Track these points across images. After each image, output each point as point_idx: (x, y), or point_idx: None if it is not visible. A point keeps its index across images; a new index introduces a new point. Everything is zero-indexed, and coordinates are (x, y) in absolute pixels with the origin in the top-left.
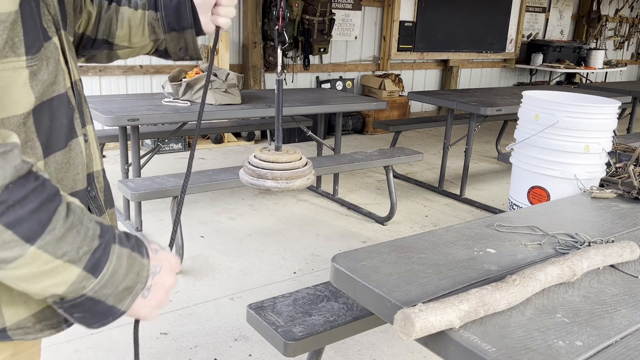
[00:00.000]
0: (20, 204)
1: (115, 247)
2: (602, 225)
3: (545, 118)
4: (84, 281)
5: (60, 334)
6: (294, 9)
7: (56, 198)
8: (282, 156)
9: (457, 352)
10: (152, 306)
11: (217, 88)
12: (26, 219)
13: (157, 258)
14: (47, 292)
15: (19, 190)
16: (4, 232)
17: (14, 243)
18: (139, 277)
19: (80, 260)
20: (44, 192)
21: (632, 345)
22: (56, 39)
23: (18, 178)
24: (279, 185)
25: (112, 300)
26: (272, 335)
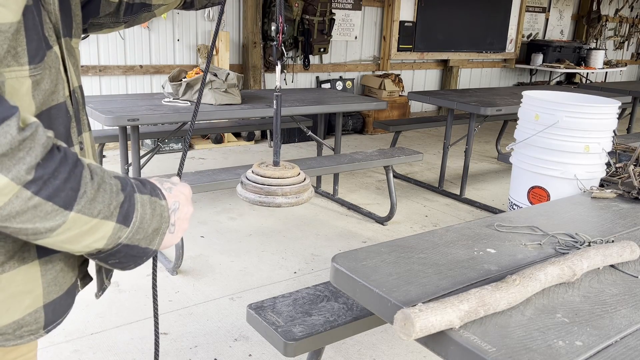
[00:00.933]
0: (54, 176)
1: (137, 196)
2: (602, 225)
3: (545, 118)
4: (119, 232)
5: (60, 334)
6: (294, 9)
7: (79, 163)
8: (287, 171)
9: (457, 352)
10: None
11: (217, 88)
12: (61, 188)
13: (173, 195)
14: (89, 248)
15: (50, 165)
16: (45, 204)
17: (55, 212)
18: (163, 218)
19: (112, 214)
20: (69, 161)
21: (632, 345)
22: (57, 48)
23: (46, 154)
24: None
25: (145, 242)
26: (272, 335)
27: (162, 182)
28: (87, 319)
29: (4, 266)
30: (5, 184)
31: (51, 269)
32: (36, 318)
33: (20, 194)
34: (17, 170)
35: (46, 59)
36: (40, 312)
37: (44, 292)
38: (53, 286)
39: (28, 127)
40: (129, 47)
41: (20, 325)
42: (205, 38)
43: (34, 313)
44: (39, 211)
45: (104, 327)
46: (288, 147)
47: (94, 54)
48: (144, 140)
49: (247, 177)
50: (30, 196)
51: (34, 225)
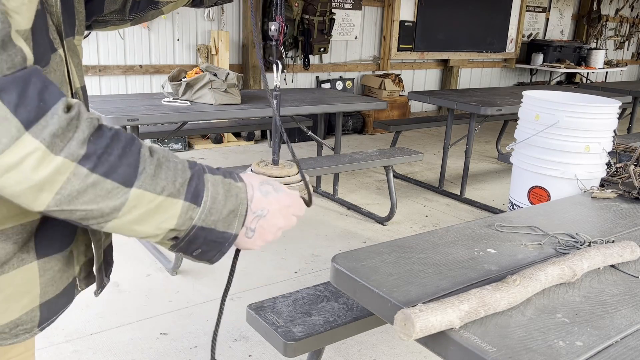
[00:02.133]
0: (107, 152)
1: (208, 175)
2: (602, 226)
3: (545, 118)
4: (189, 211)
5: (60, 334)
6: (294, 9)
7: (135, 141)
8: (292, 169)
9: (457, 353)
10: (258, 244)
11: (217, 88)
12: (117, 164)
13: (266, 201)
14: (161, 229)
15: (101, 141)
16: (104, 181)
17: (116, 190)
18: (239, 199)
19: (179, 192)
20: (122, 138)
21: (633, 345)
22: (61, 50)
23: (95, 130)
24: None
25: (222, 225)
26: (272, 336)
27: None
28: (87, 319)
29: (4, 267)
30: (61, 162)
31: (49, 269)
32: (32, 317)
33: (77, 171)
34: (69, 147)
35: (51, 62)
36: (36, 311)
37: (41, 292)
38: (50, 286)
39: (72, 108)
40: (128, 47)
41: (16, 324)
42: (205, 38)
43: (30, 312)
44: (99, 189)
45: (104, 327)
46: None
47: (93, 54)
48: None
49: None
50: (87, 173)
51: (97, 205)
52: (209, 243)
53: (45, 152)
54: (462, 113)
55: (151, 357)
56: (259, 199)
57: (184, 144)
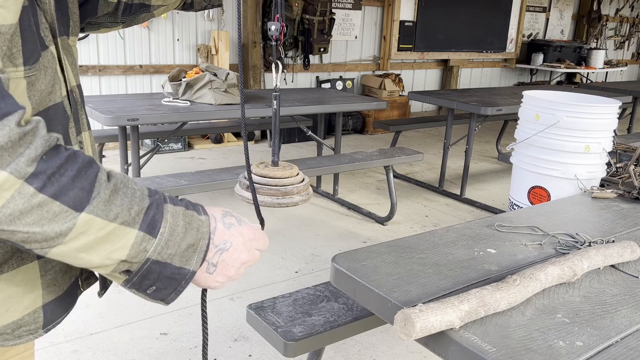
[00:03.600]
0: (59, 172)
1: (168, 206)
2: (602, 225)
3: (545, 118)
4: (144, 242)
5: (60, 334)
6: (294, 9)
7: (93, 165)
8: (294, 169)
9: (458, 353)
10: (219, 281)
11: (217, 88)
12: (69, 187)
13: (229, 233)
14: (111, 259)
15: (54, 160)
16: (52, 203)
17: (65, 213)
18: (200, 233)
19: (134, 221)
20: (78, 160)
21: (633, 345)
22: (53, 48)
23: (50, 149)
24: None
25: (178, 260)
26: (272, 336)
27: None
28: (87, 319)
29: (3, 267)
30: (5, 178)
31: (50, 269)
32: (35, 318)
33: (23, 189)
34: (17, 164)
35: (42, 59)
36: (39, 312)
37: (43, 293)
38: (52, 286)
39: (29, 123)
40: (128, 47)
41: (19, 325)
42: (205, 38)
43: (33, 313)
44: (45, 211)
45: (104, 327)
46: (288, 147)
47: (93, 54)
48: (143, 140)
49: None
50: (34, 192)
51: (42, 228)
52: (163, 279)
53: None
54: (462, 113)
55: (151, 357)
56: (222, 231)
57: (184, 144)
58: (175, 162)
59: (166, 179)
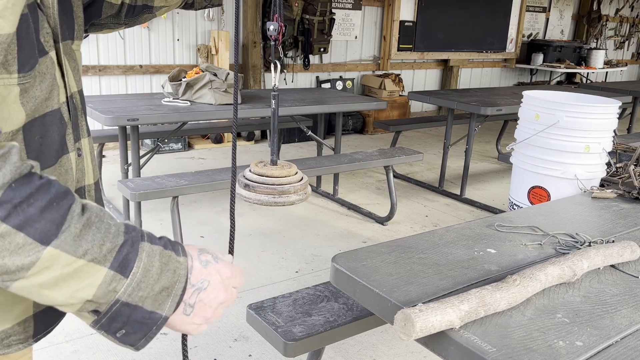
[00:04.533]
0: (27, 202)
1: (145, 244)
2: (602, 225)
3: (545, 118)
4: (114, 282)
5: (60, 334)
6: (294, 9)
7: (68, 196)
8: (293, 169)
9: (457, 352)
10: (197, 323)
11: (217, 88)
12: (36, 218)
13: (206, 272)
14: (75, 298)
15: (23, 189)
16: (16, 234)
17: (29, 246)
18: (176, 276)
19: (105, 258)
20: (51, 190)
21: (633, 345)
22: (53, 53)
23: (20, 177)
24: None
25: (150, 304)
26: (272, 336)
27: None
28: None
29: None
30: None
31: None
32: (25, 327)
33: None
34: None
35: (39, 66)
36: (29, 321)
37: (35, 302)
38: None
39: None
40: (128, 47)
41: (8, 334)
42: (205, 38)
43: (23, 322)
44: (7, 242)
45: None
46: (288, 147)
47: (94, 54)
48: (143, 140)
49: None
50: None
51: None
52: (133, 323)
53: None
54: (462, 113)
55: (151, 357)
56: (199, 269)
57: (184, 144)
58: (176, 162)
59: (166, 179)
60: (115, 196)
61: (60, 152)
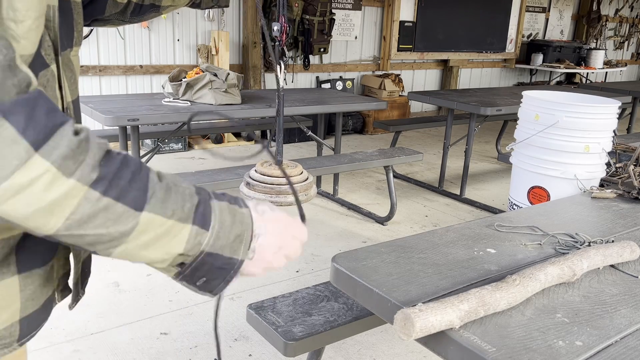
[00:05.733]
0: (117, 176)
1: (214, 201)
2: (602, 225)
3: (545, 118)
4: (198, 236)
5: (60, 334)
6: (294, 9)
7: (143, 167)
8: (294, 170)
9: (457, 352)
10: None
11: (217, 88)
12: (127, 189)
13: (262, 219)
14: (170, 253)
15: (111, 164)
16: (115, 205)
17: (127, 213)
18: (244, 225)
19: (188, 217)
20: (130, 164)
21: (632, 345)
22: (54, 66)
23: (105, 154)
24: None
25: (228, 251)
26: (272, 335)
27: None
28: (87, 319)
29: None
30: (73, 185)
31: (30, 284)
32: (11, 332)
33: (89, 195)
34: (81, 171)
35: (40, 79)
36: (15, 326)
37: (22, 307)
38: (31, 301)
39: (81, 132)
40: (129, 47)
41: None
42: (205, 38)
43: (10, 327)
44: (110, 213)
45: (104, 327)
46: (288, 147)
47: (94, 54)
48: (144, 140)
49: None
50: (99, 197)
51: (107, 230)
52: (214, 270)
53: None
54: (462, 113)
55: (151, 357)
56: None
57: (184, 144)
58: (176, 162)
59: None
60: None
61: None
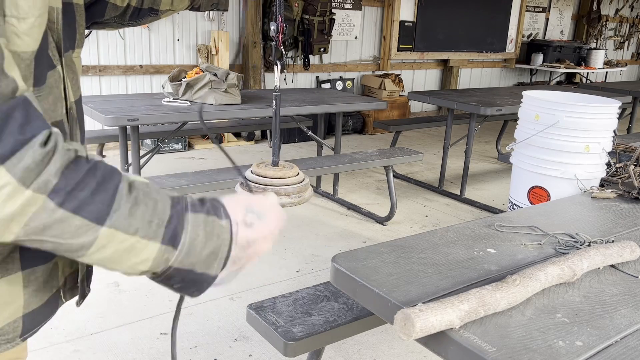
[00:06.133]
0: (79, 187)
1: (189, 215)
2: (602, 225)
3: (545, 118)
4: (165, 254)
5: (60, 334)
6: (294, 9)
7: (114, 176)
8: (289, 171)
9: (457, 352)
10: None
11: (217, 88)
12: (89, 201)
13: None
14: (135, 270)
15: (74, 175)
16: (73, 217)
17: (86, 227)
18: (220, 240)
19: (156, 234)
20: (98, 173)
21: (632, 345)
22: (59, 67)
23: (69, 162)
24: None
25: (200, 267)
26: (272, 336)
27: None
28: (87, 319)
29: None
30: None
31: (34, 280)
32: (14, 327)
33: (46, 204)
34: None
35: (48, 79)
36: (19, 321)
37: (25, 303)
38: (34, 297)
39: (49, 141)
40: (129, 47)
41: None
42: (205, 38)
43: (13, 323)
44: (66, 225)
45: (104, 327)
46: (288, 147)
47: (94, 54)
48: (144, 140)
49: (248, 177)
50: (54, 208)
51: (65, 240)
52: (187, 282)
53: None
54: (462, 113)
55: (151, 357)
56: (244, 234)
57: (184, 144)
58: (176, 162)
59: (166, 179)
60: None
61: None
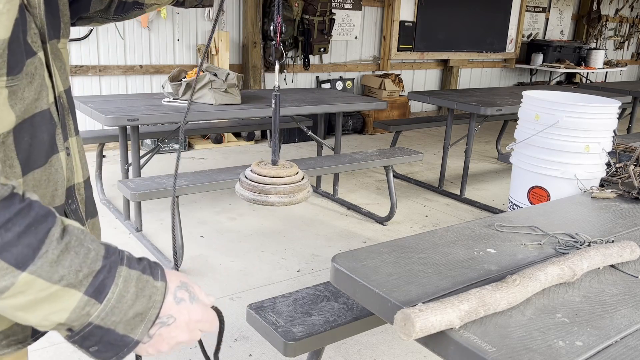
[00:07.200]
0: (5, 227)
1: (123, 268)
2: (602, 225)
3: (545, 118)
4: (87, 307)
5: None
6: (294, 9)
7: (48, 219)
8: (283, 171)
9: (457, 352)
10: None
11: (217, 88)
12: (13, 243)
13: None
14: (49, 321)
15: (2, 214)
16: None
17: (4, 271)
18: (151, 302)
19: (81, 284)
20: (30, 214)
21: (632, 345)
22: (41, 54)
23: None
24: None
25: (123, 328)
26: (272, 335)
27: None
28: None
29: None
30: None
31: None
32: (23, 328)
33: None
34: None
35: (27, 67)
36: None
37: None
38: None
39: None
40: (129, 47)
41: (7, 335)
42: (205, 38)
43: None
44: None
45: None
46: (288, 147)
47: (94, 54)
48: (143, 140)
49: (245, 175)
50: None
51: None
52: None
53: None
54: (462, 113)
55: (152, 356)
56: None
57: (184, 144)
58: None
59: (166, 179)
60: (116, 196)
61: (50, 152)
